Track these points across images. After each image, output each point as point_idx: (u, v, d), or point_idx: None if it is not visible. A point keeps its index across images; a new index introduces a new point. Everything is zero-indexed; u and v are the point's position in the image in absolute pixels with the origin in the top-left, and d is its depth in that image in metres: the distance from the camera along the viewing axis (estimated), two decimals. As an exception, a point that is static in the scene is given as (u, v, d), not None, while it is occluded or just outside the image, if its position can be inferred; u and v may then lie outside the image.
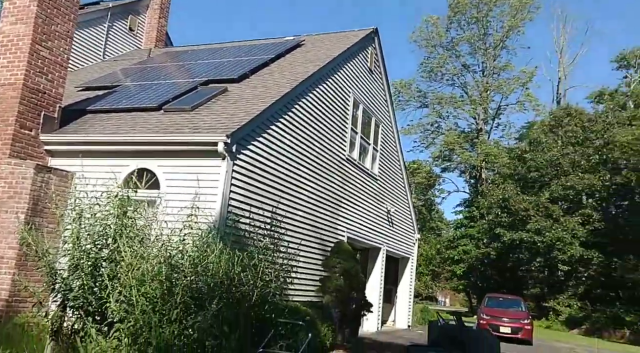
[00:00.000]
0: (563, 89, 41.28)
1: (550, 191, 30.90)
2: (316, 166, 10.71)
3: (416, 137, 43.94)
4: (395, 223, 15.94)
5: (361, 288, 10.58)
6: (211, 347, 5.43)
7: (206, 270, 6.00)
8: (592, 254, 28.43)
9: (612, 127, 30.65)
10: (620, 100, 36.50)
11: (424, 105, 43.68)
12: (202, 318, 5.30)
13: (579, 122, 31.75)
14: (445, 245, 42.81)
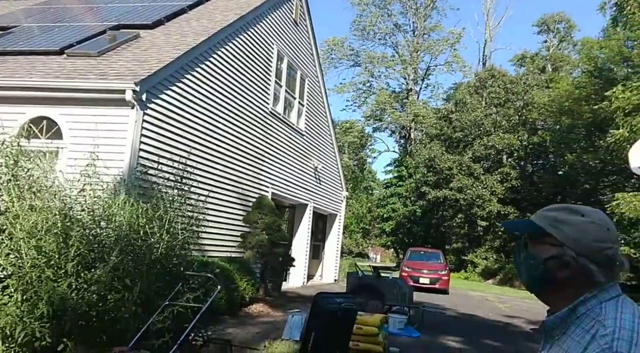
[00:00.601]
0: (488, 51, 42.57)
1: (473, 150, 32.18)
2: (237, 119, 10.39)
3: (348, 96, 44.13)
4: (322, 180, 16.00)
5: (284, 244, 10.58)
6: (113, 300, 5.20)
7: (109, 222, 5.71)
8: (509, 210, 30.20)
9: (531, 89, 32.10)
10: (540, 64, 38.21)
11: (356, 64, 43.71)
12: (102, 271, 5.05)
13: (502, 83, 32.97)
14: (375, 204, 44.00)
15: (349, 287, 9.54)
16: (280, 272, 10.72)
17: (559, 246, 1.22)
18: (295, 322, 6.82)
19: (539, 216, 1.29)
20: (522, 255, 1.30)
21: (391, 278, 10.35)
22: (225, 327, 7.25)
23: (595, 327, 1.12)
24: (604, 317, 1.14)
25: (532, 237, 1.29)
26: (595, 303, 1.18)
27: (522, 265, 1.30)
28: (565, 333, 1.19)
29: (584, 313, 1.18)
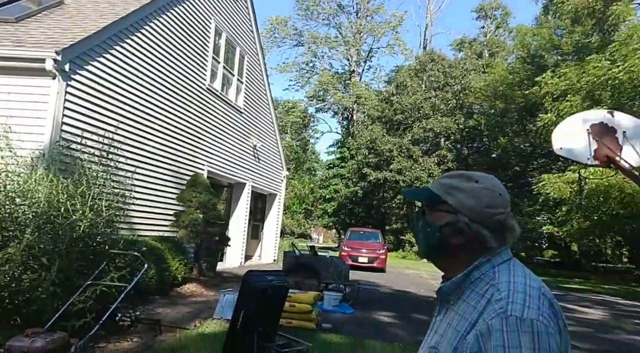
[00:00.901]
0: (429, 35, 43.40)
1: (412, 133, 32.90)
2: (172, 94, 10.02)
3: (291, 75, 43.89)
4: (261, 159, 15.83)
5: (220, 223, 10.39)
6: (29, 280, 4.92)
7: (25, 198, 5.36)
8: (445, 191, 31.20)
9: (468, 74, 33.09)
10: (478, 49, 39.41)
11: (299, 44, 43.40)
12: (14, 250, 4.74)
13: (441, 67, 33.75)
14: (318, 185, 44.26)
15: (285, 266, 9.54)
16: (216, 251, 10.56)
17: (454, 213, 1.23)
18: (227, 301, 6.74)
19: (437, 184, 1.30)
20: (420, 223, 1.30)
21: (328, 257, 10.45)
22: (156, 307, 7.07)
23: (490, 291, 1.14)
24: (498, 281, 1.15)
25: (429, 205, 1.29)
26: (489, 268, 1.20)
27: (420, 233, 1.30)
28: (460, 298, 1.20)
29: (478, 277, 1.19)
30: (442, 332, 1.21)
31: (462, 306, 1.18)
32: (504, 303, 1.08)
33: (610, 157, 6.46)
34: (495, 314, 1.07)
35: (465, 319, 1.14)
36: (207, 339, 5.65)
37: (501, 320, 1.06)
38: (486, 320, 1.08)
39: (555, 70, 20.26)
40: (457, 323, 1.16)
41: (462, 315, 1.16)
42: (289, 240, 25.20)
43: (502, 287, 1.13)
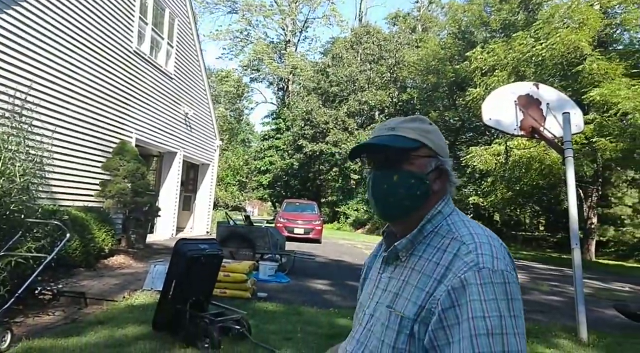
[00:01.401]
0: (365, 7, 43.41)
1: (348, 105, 33.09)
2: (93, 55, 9.33)
3: (225, 43, 42.60)
4: (194, 128, 15.29)
5: (149, 193, 9.96)
6: None
7: None
8: (379, 164, 31.82)
9: (402, 48, 33.53)
10: (412, 24, 39.91)
11: (233, 11, 42.04)
12: None
13: (376, 40, 33.96)
14: (253, 156, 43.70)
15: (219, 237, 9.32)
16: (145, 222, 10.13)
17: (434, 156, 1.17)
18: (158, 272, 6.49)
19: (405, 129, 1.18)
20: (395, 177, 1.15)
21: (264, 227, 10.32)
22: (80, 280, 6.69)
23: (454, 245, 1.09)
24: (459, 234, 1.11)
25: (404, 152, 1.15)
26: (441, 219, 1.16)
27: (395, 188, 1.15)
28: (412, 254, 1.15)
29: (431, 231, 1.15)
30: (396, 289, 1.14)
31: (419, 262, 1.12)
32: (474, 256, 1.05)
33: (535, 128, 6.74)
34: (467, 268, 1.03)
35: (428, 276, 1.08)
36: (136, 310, 5.41)
37: (474, 273, 1.02)
38: (458, 275, 1.03)
39: (484, 46, 20.91)
40: (417, 281, 1.10)
41: (420, 271, 1.10)
42: (223, 212, 24.81)
43: (467, 239, 1.09)
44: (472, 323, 0.98)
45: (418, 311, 1.06)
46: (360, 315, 1.24)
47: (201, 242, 5.18)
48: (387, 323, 1.11)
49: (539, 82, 8.78)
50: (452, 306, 1.02)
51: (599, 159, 17.61)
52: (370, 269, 1.34)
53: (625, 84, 14.42)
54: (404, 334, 1.07)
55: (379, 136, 1.19)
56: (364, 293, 1.28)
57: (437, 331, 1.02)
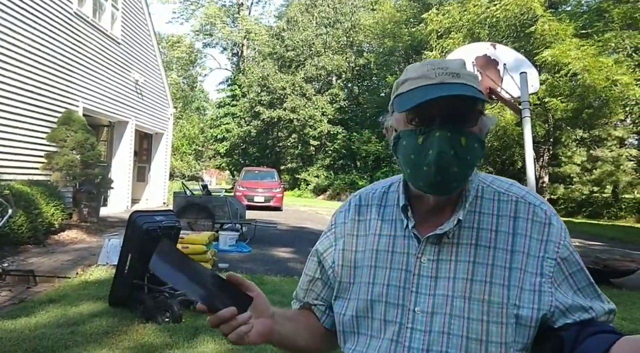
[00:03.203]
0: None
1: (305, 71, 32.60)
2: (29, 17, 8.65)
3: (174, 7, 40.83)
4: (145, 96, 14.65)
5: (101, 164, 9.53)
6: None
7: None
8: (337, 130, 31.79)
9: (358, 11, 33.07)
10: (367, -14, 39.31)
11: (183, -28, 40.14)
12: None
13: (332, 3, 33.33)
14: (208, 124, 42.71)
15: (176, 208, 9.05)
16: (98, 195, 9.72)
17: (482, 114, 0.93)
18: (112, 246, 6.23)
19: (470, 78, 0.89)
20: (462, 140, 0.88)
21: (222, 197, 10.10)
22: (29, 257, 6.35)
23: (522, 209, 0.94)
24: (515, 193, 0.97)
25: (476, 108, 0.90)
26: (477, 181, 0.99)
27: (463, 155, 0.88)
28: (461, 227, 0.94)
29: (475, 196, 0.98)
30: (463, 274, 0.91)
31: (480, 235, 0.93)
32: (556, 218, 0.95)
33: (492, 89, 6.74)
34: (564, 233, 0.94)
35: (508, 250, 0.91)
36: (91, 287, 5.18)
37: (569, 236, 0.95)
38: (561, 242, 0.92)
39: (439, 8, 20.81)
40: (493, 258, 0.91)
41: (490, 246, 0.92)
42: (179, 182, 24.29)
43: (530, 198, 0.96)
44: (592, 286, 0.94)
45: (518, 293, 0.89)
46: (392, 318, 0.94)
47: (157, 213, 4.97)
48: (476, 317, 0.89)
49: (495, 43, 8.77)
50: (566, 278, 0.92)
51: (551, 119, 18.10)
52: (353, 252, 1.04)
53: (575, 44, 14.69)
54: (509, 325, 0.89)
55: (451, 83, 0.87)
56: (373, 286, 0.98)
57: (565, 302, 0.91)
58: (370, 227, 1.03)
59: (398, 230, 0.99)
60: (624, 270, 6.52)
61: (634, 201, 23.38)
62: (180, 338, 3.79)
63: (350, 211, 1.08)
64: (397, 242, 0.98)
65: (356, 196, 1.11)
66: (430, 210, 0.97)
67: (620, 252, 9.92)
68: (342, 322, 1.02)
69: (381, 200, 1.05)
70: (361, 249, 1.02)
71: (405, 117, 0.92)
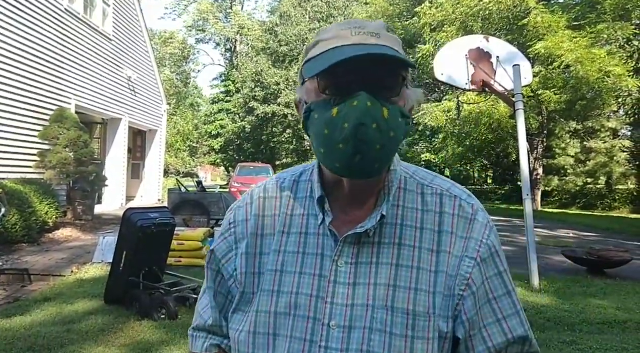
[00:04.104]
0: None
1: (298, 66, 32.48)
2: (20, 15, 8.58)
3: (167, 3, 40.57)
4: (138, 92, 14.58)
5: (95, 162, 9.48)
6: None
7: None
8: (332, 123, 31.74)
9: (351, 5, 32.96)
10: (360, -20, 39.21)
11: (174, -32, 39.90)
12: None
13: (324, -3, 33.23)
14: (203, 121, 42.59)
15: (171, 204, 9.03)
16: (92, 193, 9.68)
17: (409, 87, 0.80)
18: (107, 244, 6.22)
19: (391, 41, 0.76)
20: (384, 111, 0.72)
21: (217, 193, 10.09)
22: (23, 256, 6.33)
23: (447, 203, 0.82)
24: (439, 186, 0.84)
25: (400, 76, 0.75)
26: (400, 171, 0.85)
27: (386, 129, 0.72)
28: (384, 224, 0.80)
29: (397, 188, 0.83)
30: (385, 279, 0.77)
31: (404, 233, 0.80)
32: (482, 214, 0.83)
33: (486, 82, 6.75)
34: (488, 231, 0.81)
35: (430, 250, 0.79)
36: (86, 285, 5.17)
37: (494, 234, 0.82)
38: (483, 241, 0.80)
39: (432, 2, 20.78)
40: (417, 260, 0.78)
41: (414, 246, 0.79)
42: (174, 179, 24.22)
43: (456, 192, 0.84)
44: (509, 298, 0.81)
45: (440, 301, 0.77)
46: (301, 334, 0.77)
47: (151, 210, 4.95)
48: (400, 332, 0.75)
49: (488, 36, 8.77)
50: (482, 282, 0.79)
51: (544, 111, 18.15)
52: (257, 256, 0.85)
53: (567, 36, 14.72)
54: (435, 340, 0.75)
55: (369, 44, 0.73)
56: (278, 296, 0.80)
57: (473, 318, 0.78)
58: (277, 223, 0.85)
59: (311, 227, 0.83)
60: (618, 261, 6.55)
61: (627, 192, 23.51)
62: (177, 335, 3.78)
63: (254, 205, 0.88)
64: (309, 242, 0.82)
65: (260, 187, 0.92)
66: (348, 202, 0.82)
67: (614, 242, 9.99)
68: (237, 340, 0.82)
69: (291, 192, 0.88)
70: (266, 251, 0.84)
71: (316, 86, 0.76)
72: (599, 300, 5.22)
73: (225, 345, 0.90)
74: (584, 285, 5.91)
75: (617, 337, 4.02)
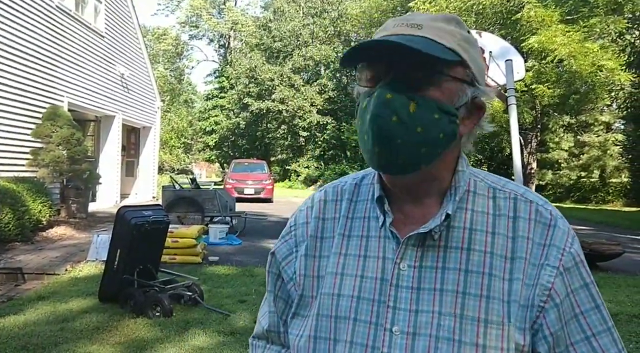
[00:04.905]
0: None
1: (293, 61, 32.42)
2: (10, 12, 8.51)
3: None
4: (131, 89, 14.51)
5: (88, 159, 9.45)
6: None
7: None
8: (327, 120, 31.74)
9: (345, 0, 32.87)
10: (353, -25, 39.06)
11: (167, -36, 39.65)
12: None
13: (318, -8, 33.09)
14: (197, 117, 42.47)
15: (165, 202, 9.00)
16: (86, 191, 9.64)
17: (470, 82, 0.75)
18: (102, 241, 6.20)
19: (440, 32, 0.72)
20: (410, 105, 0.70)
21: (212, 190, 10.06)
22: (17, 255, 6.30)
23: (523, 208, 0.78)
24: (513, 191, 0.80)
25: (439, 66, 0.71)
26: (469, 173, 0.81)
27: (410, 124, 0.70)
28: (450, 227, 0.77)
29: (466, 190, 0.80)
30: (452, 285, 0.74)
31: (474, 238, 0.76)
32: (562, 221, 0.77)
33: (479, 76, 6.76)
34: (571, 238, 0.76)
35: (500, 255, 0.74)
36: (81, 283, 5.17)
37: (577, 244, 0.76)
38: (566, 249, 0.75)
39: (426, -4, 20.75)
40: (489, 266, 0.74)
41: (485, 251, 0.75)
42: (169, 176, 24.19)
43: (532, 197, 0.79)
44: (598, 313, 0.75)
45: (516, 311, 0.72)
46: (363, 340, 0.75)
47: (145, 208, 4.95)
48: (470, 340, 0.71)
49: (480, 31, 8.78)
50: (567, 295, 0.74)
51: (538, 105, 18.21)
52: (317, 258, 0.84)
53: (560, 30, 14.76)
54: (510, 350, 0.71)
55: (401, 34, 0.71)
56: (339, 299, 0.79)
57: (558, 333, 0.73)
58: (338, 226, 0.84)
59: (372, 229, 0.81)
60: (610, 254, 6.62)
61: (620, 185, 23.66)
62: (172, 332, 3.79)
63: (314, 208, 0.88)
64: (371, 244, 0.80)
65: (322, 190, 0.91)
66: (403, 201, 0.80)
67: (607, 235, 10.07)
68: (296, 347, 0.81)
69: (352, 195, 0.87)
70: (326, 254, 0.83)
71: (359, 76, 0.77)
72: (591, 293, 5.26)
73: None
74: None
75: (609, 330, 4.05)
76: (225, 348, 3.51)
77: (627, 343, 3.75)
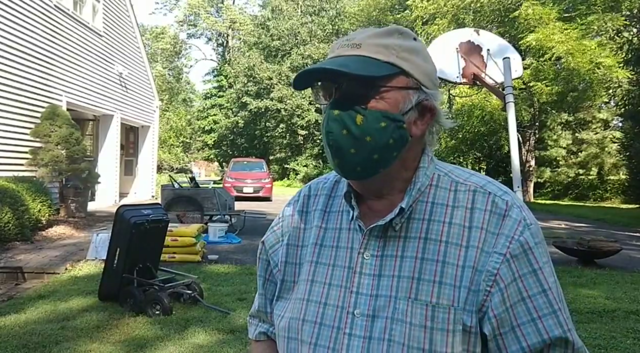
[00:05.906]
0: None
1: (291, 60, 32.43)
2: (8, 12, 8.51)
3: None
4: (130, 88, 14.51)
5: (87, 159, 9.45)
6: None
7: None
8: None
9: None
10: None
11: (164, -38, 39.57)
12: None
13: (316, -9, 33.11)
14: (195, 116, 42.45)
15: (164, 201, 9.01)
16: (85, 190, 9.65)
17: (415, 88, 0.81)
18: (101, 240, 6.22)
19: (375, 47, 0.79)
20: (356, 118, 0.78)
21: (211, 188, 10.08)
22: (16, 254, 6.31)
23: (480, 199, 0.82)
24: (474, 183, 0.85)
25: (370, 82, 0.78)
26: (433, 168, 0.87)
27: (360, 135, 0.78)
28: (412, 219, 0.83)
29: (428, 184, 0.86)
30: (408, 272, 0.81)
31: (432, 228, 0.82)
32: (517, 211, 0.81)
33: (476, 75, 6.78)
34: (521, 227, 0.79)
35: (459, 245, 0.80)
36: (80, 282, 5.18)
37: (530, 232, 0.79)
38: (515, 237, 0.78)
39: (424, -6, 20.76)
40: (443, 254, 0.80)
41: (441, 240, 0.81)
42: (168, 175, 24.18)
43: (492, 189, 0.84)
44: (545, 297, 0.78)
45: (465, 295, 0.78)
46: (329, 321, 0.84)
47: (144, 207, 4.96)
48: (419, 322, 0.78)
49: (478, 29, 8.79)
50: (514, 279, 0.78)
51: (536, 103, 18.24)
52: (299, 247, 0.94)
53: (558, 28, 14.78)
54: (456, 332, 0.77)
55: (337, 57, 0.80)
56: (312, 285, 0.88)
57: (501, 315, 0.77)
58: (316, 219, 0.93)
59: (344, 222, 0.89)
60: (608, 251, 6.64)
61: (619, 183, 23.70)
62: (171, 330, 3.81)
63: (299, 202, 0.98)
64: (342, 236, 0.88)
65: (306, 186, 1.01)
66: (375, 199, 0.87)
67: (605, 232, 10.10)
68: (278, 326, 0.91)
69: (331, 191, 0.96)
70: (306, 244, 0.93)
71: (318, 97, 0.85)
72: (589, 290, 5.29)
73: (270, 332, 1.02)
74: (574, 275, 5.99)
75: (606, 326, 4.09)
76: (224, 346, 3.53)
77: (625, 339, 3.77)
